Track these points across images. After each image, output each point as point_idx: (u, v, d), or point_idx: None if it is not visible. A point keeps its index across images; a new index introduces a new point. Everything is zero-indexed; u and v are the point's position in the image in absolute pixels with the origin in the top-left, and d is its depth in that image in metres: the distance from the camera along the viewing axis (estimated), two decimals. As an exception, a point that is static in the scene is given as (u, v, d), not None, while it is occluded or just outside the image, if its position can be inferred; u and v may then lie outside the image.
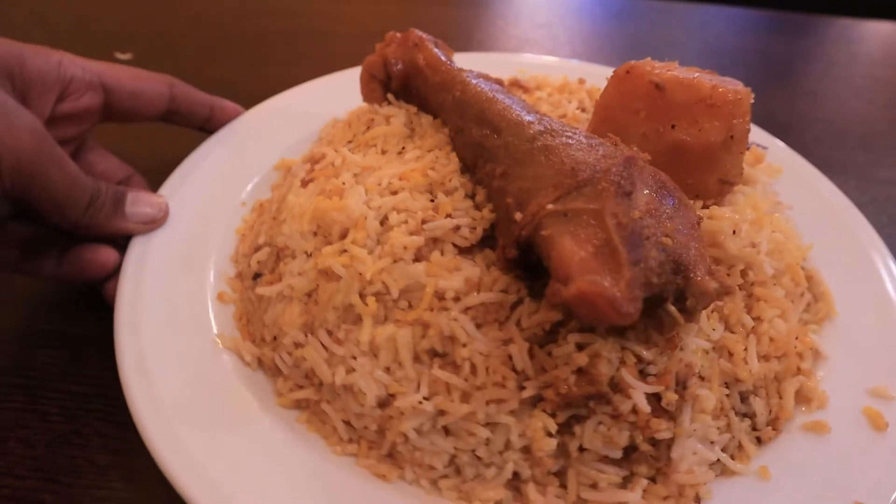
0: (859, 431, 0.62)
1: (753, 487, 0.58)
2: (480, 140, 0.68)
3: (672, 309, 0.53)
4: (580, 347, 0.56)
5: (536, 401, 0.58)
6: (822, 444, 0.61)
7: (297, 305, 0.66)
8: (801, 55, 1.58)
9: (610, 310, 0.47)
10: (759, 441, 0.62)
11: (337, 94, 0.98)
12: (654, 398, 0.57)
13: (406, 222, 0.65)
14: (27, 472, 0.64)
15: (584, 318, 0.52)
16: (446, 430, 0.59)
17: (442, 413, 0.58)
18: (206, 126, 0.92)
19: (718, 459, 0.59)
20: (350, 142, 0.82)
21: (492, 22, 1.69)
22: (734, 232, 0.65)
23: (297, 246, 0.70)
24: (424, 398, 0.58)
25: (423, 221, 0.65)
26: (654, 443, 0.57)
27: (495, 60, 1.12)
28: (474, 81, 0.75)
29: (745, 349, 0.62)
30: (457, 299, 0.60)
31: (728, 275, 0.65)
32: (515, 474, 0.59)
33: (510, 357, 0.58)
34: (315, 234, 0.70)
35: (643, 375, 0.57)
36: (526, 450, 0.58)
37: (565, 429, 0.58)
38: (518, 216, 0.59)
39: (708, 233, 0.65)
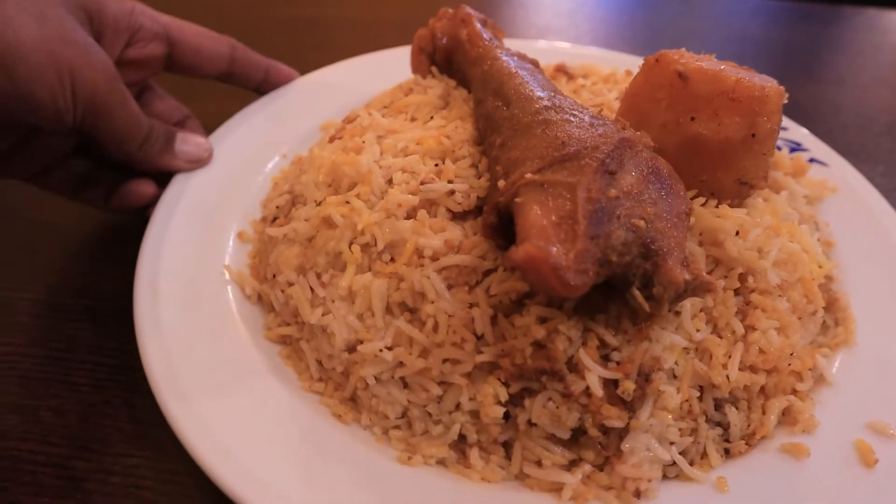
0: (843, 464, 0.57)
1: (705, 497, 0.55)
2: (492, 111, 0.68)
3: (637, 294, 0.52)
4: (542, 321, 0.56)
5: (493, 368, 0.58)
6: (796, 468, 0.57)
7: (296, 248, 0.70)
8: (826, 45, 1.55)
9: (553, 277, 0.47)
10: (727, 453, 0.59)
11: (390, 67, 1.01)
12: (613, 385, 0.55)
13: (408, 183, 0.67)
14: (60, 440, 0.66)
15: (533, 284, 0.51)
16: (404, 383, 0.61)
17: (400, 365, 0.60)
18: (261, 88, 0.97)
19: (675, 462, 0.57)
20: (386, 107, 0.85)
21: (514, 10, 1.69)
22: (737, 233, 0.61)
23: (310, 194, 0.73)
24: (387, 348, 0.60)
25: (422, 183, 0.66)
26: (605, 430, 0.56)
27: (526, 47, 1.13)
28: (504, 58, 0.75)
29: (728, 355, 0.59)
30: (435, 259, 0.61)
31: (725, 277, 0.62)
32: (462, 437, 0.59)
33: (473, 320, 0.58)
34: (329, 185, 0.73)
35: (605, 360, 0.56)
36: (475, 414, 0.58)
37: (517, 400, 0.57)
38: (501, 184, 0.59)
39: (709, 230, 0.62)
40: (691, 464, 0.57)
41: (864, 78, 1.41)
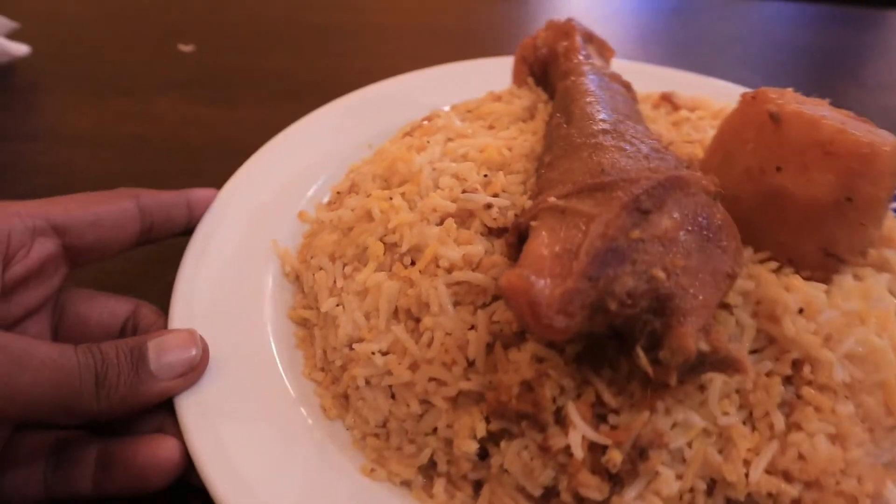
0: None
1: None
2: (554, 128, 0.63)
3: (640, 354, 0.45)
4: (537, 361, 0.50)
5: (479, 399, 0.53)
6: None
7: (336, 235, 0.70)
8: (869, 49, 1.52)
9: (529, 311, 0.42)
10: (729, 570, 0.49)
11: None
12: (601, 452, 0.49)
13: (452, 189, 0.64)
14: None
15: (515, 316, 0.46)
16: (391, 392, 0.58)
17: (389, 373, 0.57)
18: (189, 225, 0.73)
19: (657, 560, 0.48)
20: (469, 111, 0.82)
21: (542, 19, 1.68)
22: (801, 311, 0.51)
23: (364, 185, 0.73)
24: (381, 352, 0.58)
25: (463, 191, 0.63)
26: (581, 500, 0.49)
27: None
28: (589, 76, 0.69)
29: (756, 452, 0.49)
30: (449, 271, 0.57)
31: (776, 360, 0.52)
32: (434, 463, 0.55)
33: (468, 343, 0.54)
34: (385, 179, 0.72)
35: (599, 421, 0.49)
36: (449, 443, 0.54)
37: (497, 439, 0.52)
38: (527, 203, 0.54)
39: (768, 301, 0.52)
40: (681, 566, 0.49)
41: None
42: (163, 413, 0.57)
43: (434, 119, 0.80)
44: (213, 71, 1.32)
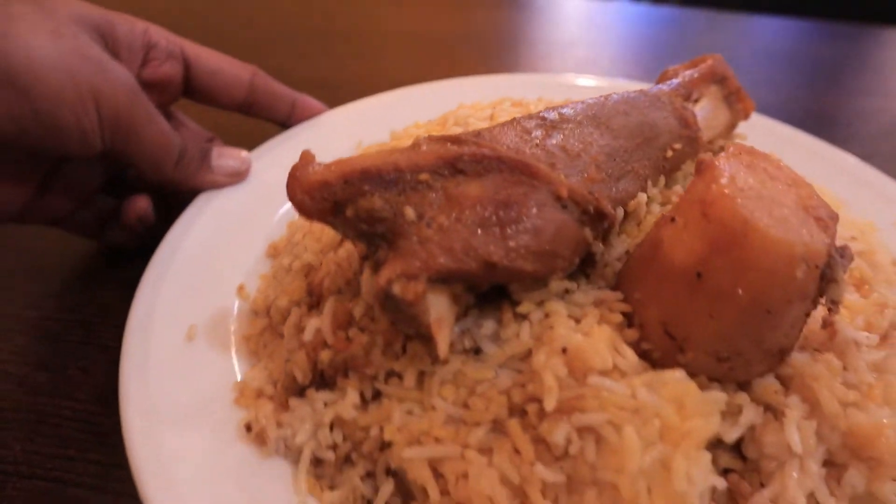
0: None
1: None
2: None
3: (369, 267, 0.48)
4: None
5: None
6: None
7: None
8: (852, 60, 1.59)
9: (287, 183, 0.48)
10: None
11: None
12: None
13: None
14: (86, 396, 0.66)
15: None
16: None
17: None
18: (288, 122, 0.88)
19: None
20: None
21: (538, 25, 1.74)
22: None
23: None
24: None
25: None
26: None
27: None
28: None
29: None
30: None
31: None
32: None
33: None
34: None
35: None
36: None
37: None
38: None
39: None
40: None
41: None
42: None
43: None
44: None
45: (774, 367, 0.47)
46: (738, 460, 0.47)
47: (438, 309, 0.46)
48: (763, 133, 0.86)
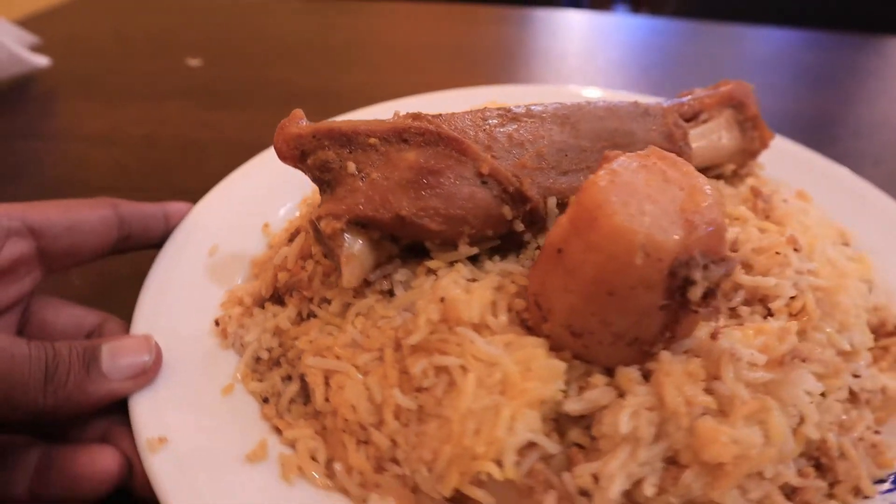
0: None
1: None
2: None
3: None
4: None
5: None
6: None
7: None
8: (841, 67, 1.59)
9: (278, 129, 0.60)
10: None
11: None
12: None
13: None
14: None
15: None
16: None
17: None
18: (165, 236, 0.73)
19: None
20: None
21: (540, 40, 1.75)
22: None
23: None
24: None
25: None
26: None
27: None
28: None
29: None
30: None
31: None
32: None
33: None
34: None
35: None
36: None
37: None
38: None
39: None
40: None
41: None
42: (108, 421, 0.57)
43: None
44: (219, 82, 1.40)
45: (639, 360, 0.50)
46: (588, 439, 0.50)
47: (354, 247, 0.55)
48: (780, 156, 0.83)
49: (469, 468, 0.48)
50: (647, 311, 0.46)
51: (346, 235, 0.55)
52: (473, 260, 0.58)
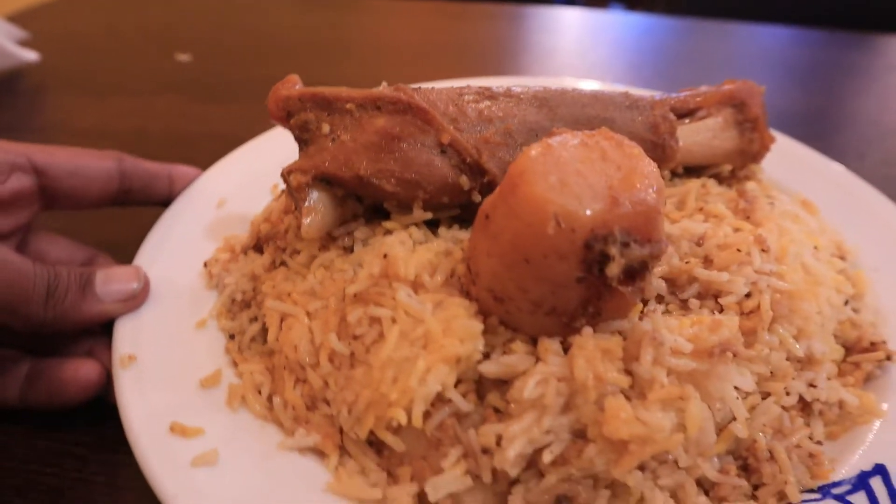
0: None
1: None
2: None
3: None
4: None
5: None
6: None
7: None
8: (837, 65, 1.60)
9: (272, 91, 0.65)
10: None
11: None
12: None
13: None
14: None
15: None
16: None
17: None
18: (169, 199, 0.77)
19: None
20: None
21: (536, 37, 1.74)
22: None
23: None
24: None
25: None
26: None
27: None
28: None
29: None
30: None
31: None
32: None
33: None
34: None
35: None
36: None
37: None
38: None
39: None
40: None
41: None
42: (94, 339, 0.65)
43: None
44: (209, 77, 1.39)
45: (561, 332, 0.50)
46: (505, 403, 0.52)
47: (317, 202, 0.59)
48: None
49: (384, 414, 0.50)
50: (563, 282, 0.47)
51: (314, 191, 0.59)
52: (435, 227, 0.61)
